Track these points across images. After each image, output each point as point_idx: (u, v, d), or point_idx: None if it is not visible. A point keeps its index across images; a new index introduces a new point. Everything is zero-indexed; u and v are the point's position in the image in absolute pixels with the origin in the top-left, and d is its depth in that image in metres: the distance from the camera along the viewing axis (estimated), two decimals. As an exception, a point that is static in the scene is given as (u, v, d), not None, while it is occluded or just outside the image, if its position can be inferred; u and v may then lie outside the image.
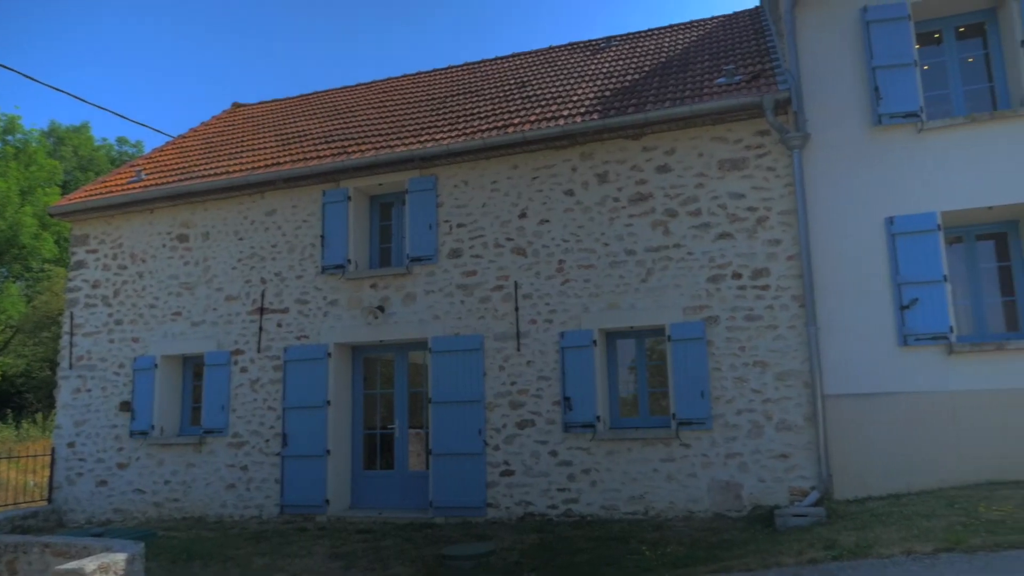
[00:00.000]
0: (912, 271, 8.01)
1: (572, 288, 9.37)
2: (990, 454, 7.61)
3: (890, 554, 5.61)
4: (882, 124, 8.36)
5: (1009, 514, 6.16)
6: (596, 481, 8.92)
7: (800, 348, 8.37)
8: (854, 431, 8.06)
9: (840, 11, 8.79)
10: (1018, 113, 8.05)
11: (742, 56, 10.29)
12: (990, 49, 8.75)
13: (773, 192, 8.75)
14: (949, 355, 7.87)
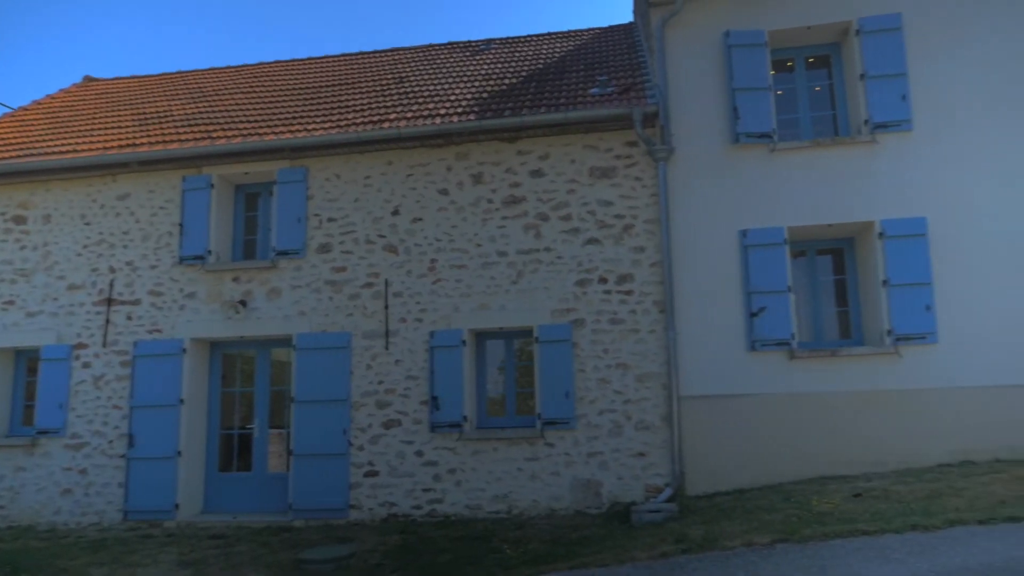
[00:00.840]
0: (761, 281, 8.58)
1: (443, 288, 9.34)
2: (823, 451, 8.26)
3: (733, 546, 5.97)
4: (739, 142, 8.91)
5: (837, 506, 6.72)
6: (461, 481, 8.93)
7: (660, 351, 8.76)
8: (706, 430, 8.53)
9: (705, 34, 9.29)
10: (856, 140, 8.81)
11: (615, 68, 10.65)
12: (834, 80, 9.52)
13: (639, 201, 9.11)
14: (791, 360, 8.49)
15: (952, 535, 5.46)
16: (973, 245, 8.41)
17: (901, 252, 8.41)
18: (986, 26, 8.82)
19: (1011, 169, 8.50)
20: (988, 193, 8.49)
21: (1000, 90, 8.67)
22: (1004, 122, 8.60)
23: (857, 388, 8.40)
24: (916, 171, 8.62)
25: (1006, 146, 8.56)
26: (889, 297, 8.39)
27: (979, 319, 8.27)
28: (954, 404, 8.20)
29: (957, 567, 4.70)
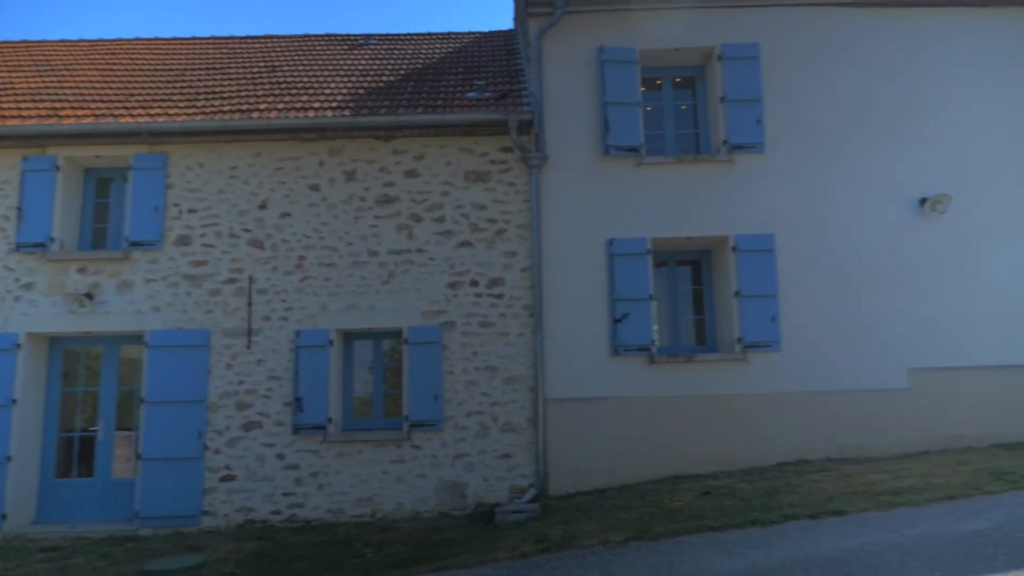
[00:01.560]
0: (625, 289, 8.93)
1: (311, 286, 9.09)
2: (678, 451, 8.70)
3: (590, 545, 6.17)
4: (609, 154, 9.23)
5: (687, 504, 7.09)
6: (324, 484, 8.72)
7: (528, 354, 8.93)
8: (570, 432, 8.77)
9: (580, 47, 9.56)
10: (715, 158, 9.35)
11: (493, 74, 10.77)
12: (698, 100, 10.06)
13: (512, 206, 9.25)
14: (651, 365, 8.89)
15: (786, 529, 5.89)
16: (811, 261, 9.13)
17: (752, 266, 9.01)
18: (833, 61, 9.60)
19: (845, 192, 9.30)
20: (826, 214, 9.25)
21: (841, 119, 9.47)
22: (844, 148, 9.39)
23: (710, 392, 8.91)
24: (767, 191, 9.26)
25: (843, 170, 9.35)
26: (740, 307, 8.96)
27: (815, 329, 8.99)
28: (793, 407, 8.86)
29: (788, 559, 5.08)
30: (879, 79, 9.57)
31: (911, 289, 9.13)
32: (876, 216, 9.26)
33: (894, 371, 8.97)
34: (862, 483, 7.11)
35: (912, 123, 9.49)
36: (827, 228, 9.23)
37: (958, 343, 9.07)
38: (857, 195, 9.32)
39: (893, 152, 9.40)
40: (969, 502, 6.11)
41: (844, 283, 9.11)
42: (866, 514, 6.08)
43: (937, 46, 9.70)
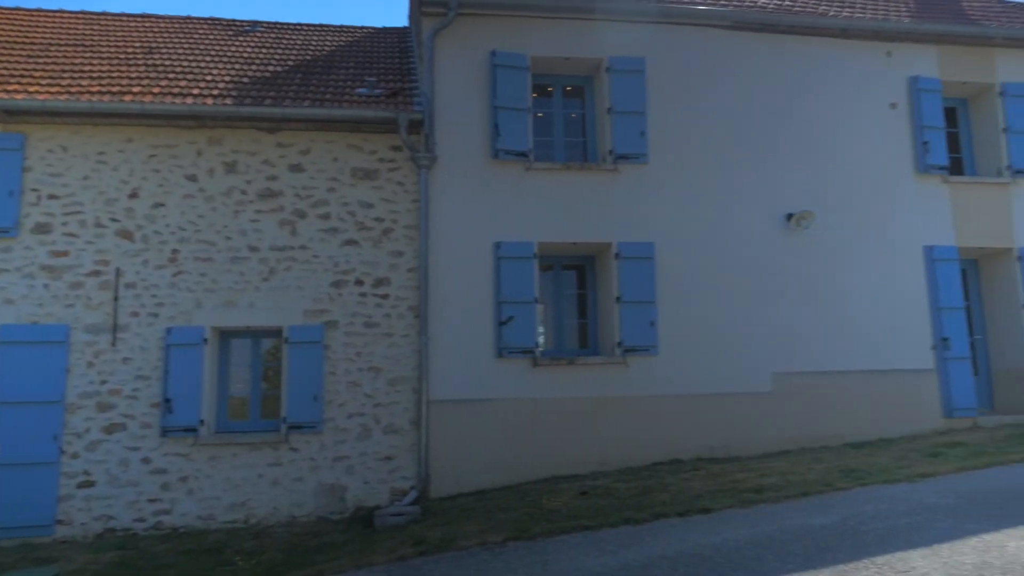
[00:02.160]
0: (511, 292, 9.02)
1: (185, 281, 8.66)
2: (559, 452, 8.87)
3: (469, 546, 6.19)
4: (499, 158, 9.31)
5: (565, 504, 7.25)
6: (194, 489, 8.32)
7: (412, 356, 8.86)
8: (454, 433, 8.77)
9: (473, 50, 9.59)
10: (601, 167, 9.61)
11: (385, 71, 10.62)
12: (587, 110, 10.32)
13: (400, 206, 9.16)
14: (534, 367, 9.02)
15: (657, 527, 6.13)
16: (688, 269, 9.55)
17: (633, 272, 9.32)
18: (713, 79, 10.08)
19: (721, 205, 9.78)
20: (702, 225, 9.70)
21: (719, 135, 9.96)
22: (720, 162, 9.88)
23: (591, 394, 9.14)
24: (649, 201, 9.61)
25: (719, 184, 9.83)
26: (621, 312, 9.25)
27: (690, 335, 9.41)
28: (669, 409, 9.23)
29: (657, 555, 5.28)
30: (753, 99, 10.13)
31: (777, 299, 9.71)
32: (748, 229, 9.80)
33: (760, 375, 9.51)
34: (728, 481, 7.50)
35: (782, 142, 10.10)
36: (703, 238, 9.68)
37: (818, 350, 9.73)
38: (731, 208, 9.82)
39: (764, 169, 9.98)
40: (821, 498, 6.56)
41: (717, 291, 9.58)
42: (730, 511, 6.42)
43: (805, 71, 10.37)
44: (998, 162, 10.78)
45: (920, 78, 10.58)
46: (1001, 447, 8.10)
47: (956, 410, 9.84)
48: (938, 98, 10.64)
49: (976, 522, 5.19)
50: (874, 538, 5.09)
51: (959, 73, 10.85)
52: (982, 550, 4.57)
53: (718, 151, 9.92)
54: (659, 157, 9.73)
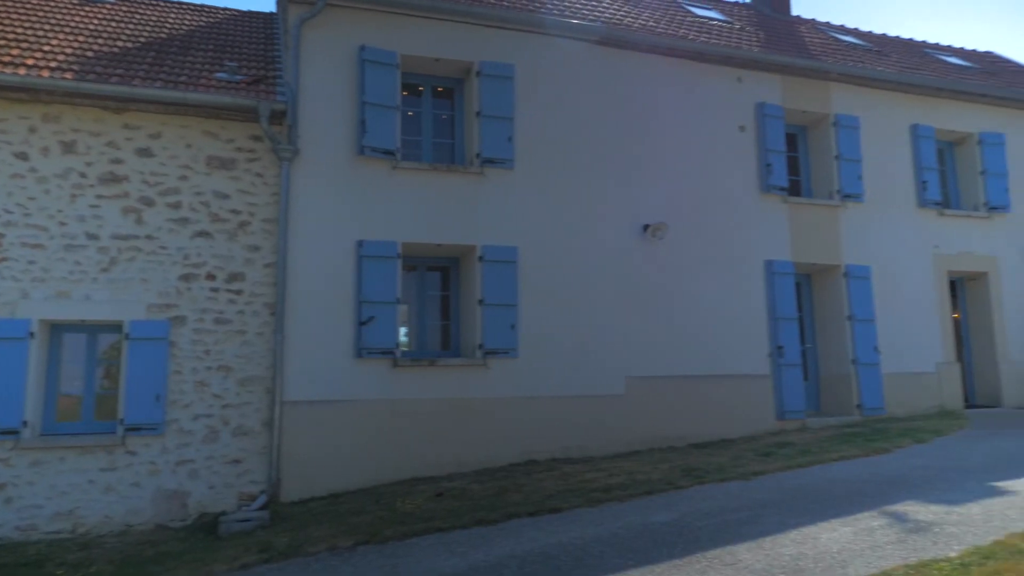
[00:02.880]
0: (373, 291, 8.87)
1: (10, 269, 7.90)
2: (418, 454, 8.82)
3: (316, 551, 6.03)
4: (365, 155, 9.14)
5: (419, 506, 7.22)
6: (13, 497, 7.59)
7: (266, 355, 8.53)
8: (309, 436, 8.50)
9: (342, 43, 9.36)
10: (468, 170, 9.66)
11: (248, 57, 10.17)
12: (456, 112, 10.34)
13: (259, 199, 8.80)
14: (394, 368, 8.92)
15: (508, 527, 6.23)
16: (549, 274, 9.78)
17: (496, 275, 9.42)
18: (579, 90, 10.39)
19: (582, 213, 10.10)
20: (564, 231, 9.96)
21: (583, 145, 10.27)
22: (583, 171, 10.19)
23: (451, 396, 9.15)
24: (514, 205, 9.76)
25: (581, 193, 10.14)
26: (483, 315, 9.33)
27: (550, 338, 9.63)
28: (527, 411, 9.40)
29: (506, 555, 5.36)
30: (617, 112, 10.53)
31: (633, 306, 10.13)
32: (607, 237, 10.17)
33: (614, 379, 9.89)
34: (579, 481, 7.74)
35: (642, 155, 10.56)
36: (565, 244, 9.94)
37: (668, 355, 10.23)
38: (592, 216, 10.15)
39: (625, 180, 10.39)
40: (664, 496, 6.91)
41: (577, 297, 9.87)
42: (579, 510, 6.62)
43: (665, 89, 10.90)
44: (830, 186, 11.80)
45: (766, 104, 11.39)
46: (824, 446, 8.85)
47: (787, 412, 10.65)
48: (781, 124, 11.50)
49: (797, 517, 5.64)
50: (707, 533, 5.42)
51: (800, 102, 11.78)
52: (799, 542, 4.96)
53: (582, 161, 10.23)
54: (525, 163, 9.90)
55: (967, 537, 4.71)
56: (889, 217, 12.05)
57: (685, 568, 4.67)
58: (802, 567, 4.46)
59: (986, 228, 12.83)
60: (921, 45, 16.28)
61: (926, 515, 5.36)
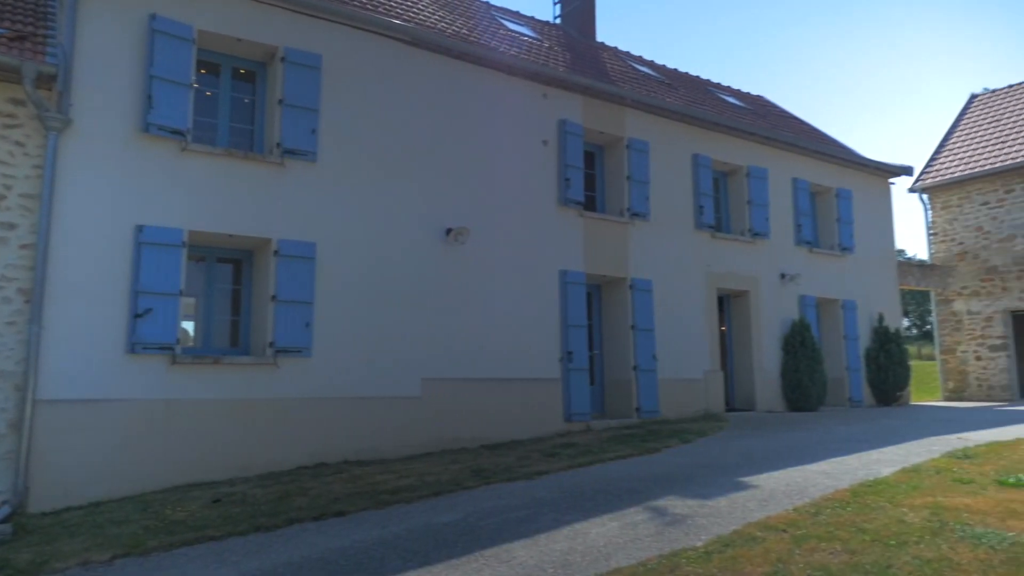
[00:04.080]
0: (151, 282, 8.18)
1: None
2: (198, 457, 8.23)
3: (65, 567, 5.42)
4: (150, 132, 8.41)
5: (192, 514, 6.73)
6: None
7: (18, 347, 7.56)
8: (68, 438, 7.65)
9: (129, 8, 8.56)
10: (267, 159, 9.22)
11: (14, 11, 8.96)
12: (258, 97, 9.83)
13: (18, 171, 7.79)
14: (172, 365, 8.28)
15: (289, 533, 5.99)
16: (350, 273, 9.60)
17: (292, 272, 9.07)
18: (390, 88, 10.30)
19: (387, 213, 10.02)
20: (368, 230, 9.83)
21: (391, 144, 10.20)
22: (390, 171, 10.11)
23: (237, 396, 8.66)
24: (315, 200, 9.46)
25: (387, 192, 10.06)
26: (276, 312, 8.93)
27: (347, 338, 9.45)
28: (320, 412, 9.13)
29: (282, 563, 5.15)
30: (427, 115, 10.58)
31: (432, 307, 10.21)
32: (409, 239, 10.16)
33: (410, 380, 9.89)
34: (368, 483, 7.64)
35: (449, 160, 10.70)
36: (367, 243, 9.80)
37: (464, 358, 10.42)
38: (396, 216, 10.10)
39: (429, 183, 10.46)
40: (450, 497, 7.00)
41: (377, 297, 9.76)
42: (365, 513, 6.52)
43: (475, 98, 11.13)
44: (621, 204, 12.67)
45: (568, 122, 12.00)
46: (604, 447, 9.44)
47: (574, 415, 11.26)
48: (580, 142, 12.17)
49: (572, 514, 5.95)
50: (488, 532, 5.56)
51: (598, 123, 12.54)
52: (571, 537, 5.25)
53: (389, 160, 10.15)
54: (329, 157, 9.64)
55: (713, 528, 5.24)
56: (670, 236, 13.16)
57: (462, 567, 4.76)
58: (571, 561, 4.72)
59: (750, 251, 14.42)
60: (705, 83, 17.99)
61: (683, 509, 5.89)
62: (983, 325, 18.83)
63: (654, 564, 4.51)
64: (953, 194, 19.59)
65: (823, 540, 4.77)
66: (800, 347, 14.33)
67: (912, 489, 6.11)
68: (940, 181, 19.63)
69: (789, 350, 14.41)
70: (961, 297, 19.31)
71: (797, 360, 14.26)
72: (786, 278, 14.77)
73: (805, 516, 5.40)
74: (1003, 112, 20.75)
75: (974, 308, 19.01)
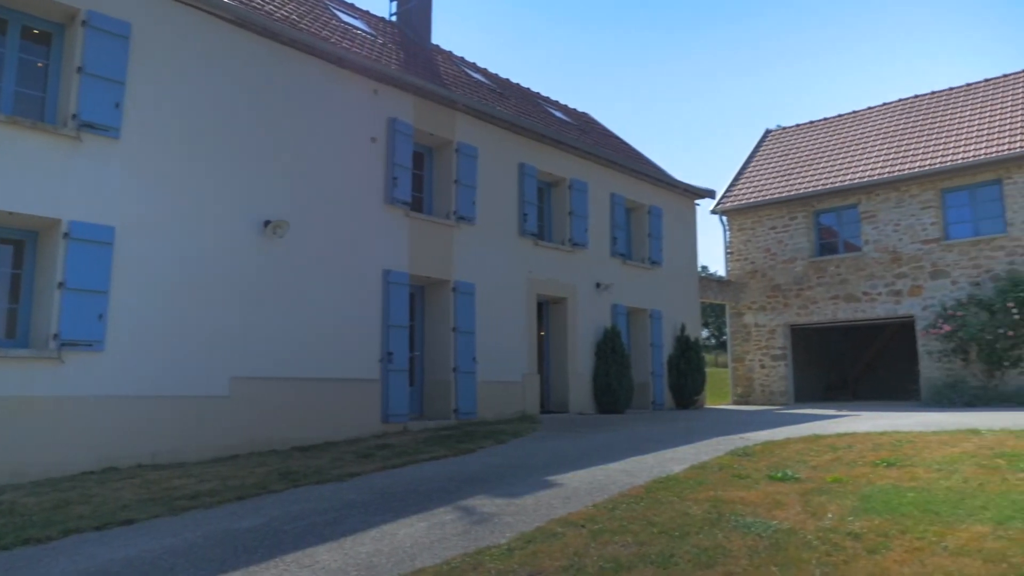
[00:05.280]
0: (-94, 260, 7.12)
1: None
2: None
3: None
4: (-89, 90, 7.33)
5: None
6: None
7: None
8: None
9: None
10: (60, 131, 8.32)
11: None
12: (52, 61, 8.86)
13: None
14: (-71, 358, 7.25)
15: (65, 545, 5.43)
16: (155, 262, 8.90)
17: (84, 257, 8.26)
18: (210, 70, 9.67)
19: (201, 200, 9.41)
20: (177, 218, 9.18)
21: (208, 128, 9.58)
22: (206, 157, 9.51)
23: (10, 393, 7.73)
24: (115, 179, 8.68)
25: (202, 179, 9.45)
26: (63, 300, 8.09)
27: (149, 332, 8.75)
28: (110, 412, 8.38)
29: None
30: (250, 102, 10.06)
31: (246, 302, 9.71)
32: (225, 229, 9.61)
33: (218, 378, 9.35)
34: (163, 489, 7.11)
35: (272, 149, 10.24)
36: (177, 231, 9.15)
37: (280, 355, 10.01)
38: (210, 204, 9.51)
39: (249, 172, 9.96)
40: (255, 501, 6.68)
41: (184, 288, 9.13)
42: (158, 520, 6.06)
43: (303, 87, 10.75)
44: (448, 207, 12.78)
45: (398, 120, 11.92)
46: (419, 448, 9.44)
47: (392, 416, 11.18)
48: (410, 142, 12.14)
49: (381, 515, 5.90)
50: (292, 536, 5.37)
51: (429, 125, 12.57)
52: (378, 539, 5.20)
53: (205, 145, 9.55)
54: (135, 135, 8.89)
55: (518, 525, 5.41)
56: (495, 241, 13.46)
57: (260, 574, 4.56)
58: (375, 563, 4.67)
59: (569, 260, 15.09)
60: (535, 95, 18.62)
61: (491, 508, 6.02)
62: (767, 337, 20.99)
63: (458, 563, 4.58)
64: (748, 218, 21.68)
65: (617, 534, 5.08)
66: (611, 353, 15.19)
67: (698, 484, 6.66)
68: (737, 205, 21.65)
69: (601, 356, 15.22)
70: (751, 311, 21.39)
71: (608, 365, 15.10)
72: (601, 287, 15.61)
73: (603, 512, 5.71)
74: (791, 147, 23.30)
75: (761, 321, 21.14)
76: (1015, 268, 16.84)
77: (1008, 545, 4.55)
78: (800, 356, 21.31)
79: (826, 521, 5.26)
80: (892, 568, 4.28)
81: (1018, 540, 4.63)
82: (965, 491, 6.00)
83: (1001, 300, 16.41)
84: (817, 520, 5.30)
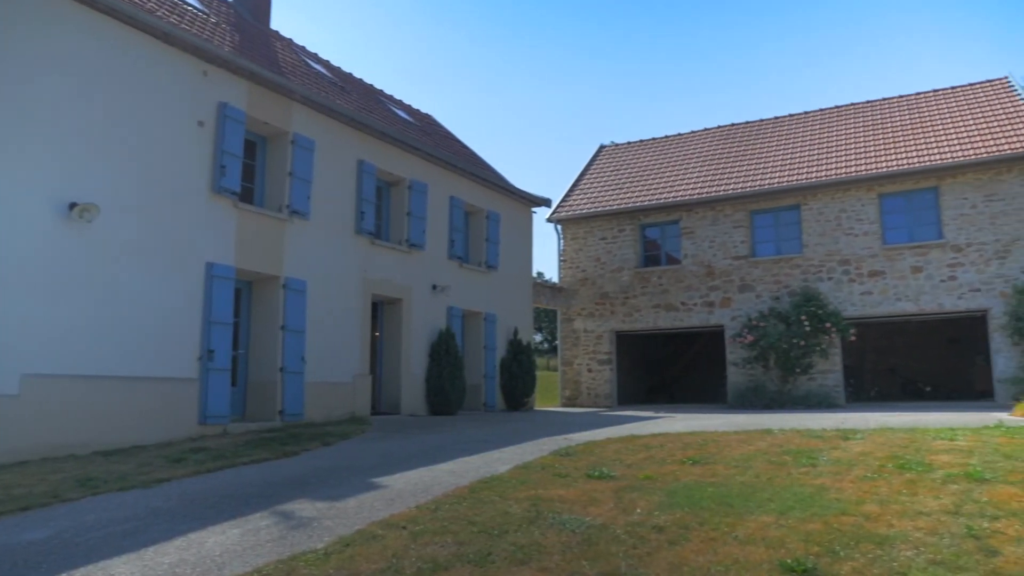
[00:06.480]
0: None
1: None
2: None
3: None
4: None
5: None
6: None
7: None
8: None
9: None
10: None
11: None
12: None
13: None
14: None
15: None
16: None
17: None
18: (10, 36, 8.66)
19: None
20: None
21: (7, 97, 8.58)
22: (3, 130, 8.53)
23: None
24: None
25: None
26: None
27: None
28: None
29: None
30: (51, 72, 9.11)
31: (44, 292, 8.79)
32: (21, 211, 8.65)
33: (6, 376, 8.38)
34: (-72, 500, 6.27)
35: (80, 125, 9.34)
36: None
37: (83, 351, 9.15)
38: (4, 184, 8.52)
39: (53, 149, 9.03)
40: (44, 511, 6.06)
41: (-34, 274, 8.12)
42: (-80, 538, 5.34)
43: (123, 62, 9.89)
44: (281, 200, 12.28)
45: (229, 106, 11.30)
46: (239, 451, 8.98)
47: (210, 417, 10.55)
48: (242, 129, 11.54)
49: (190, 522, 5.55)
50: (85, 549, 4.93)
51: (263, 113, 12.01)
52: (184, 548, 4.88)
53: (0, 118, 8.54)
54: (-90, 98, 7.79)
55: (338, 529, 5.29)
56: (329, 238, 13.11)
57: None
58: (179, 573, 4.39)
59: (406, 261, 15.00)
60: (378, 92, 18.36)
61: (311, 511, 5.85)
62: (595, 342, 22.00)
63: (270, 570, 4.40)
64: (580, 227, 22.63)
65: (437, 534, 5.10)
66: (445, 355, 15.26)
67: (520, 484, 6.85)
68: (571, 215, 22.55)
69: (435, 357, 15.25)
70: (580, 317, 22.33)
71: (441, 367, 15.16)
72: (437, 289, 15.65)
73: (425, 512, 5.72)
74: (623, 163, 24.63)
75: (589, 327, 22.12)
76: (808, 285, 18.84)
77: (787, 533, 5.07)
78: (624, 361, 22.53)
79: (635, 516, 5.58)
80: (689, 557, 4.62)
81: (795, 528, 5.17)
82: (756, 485, 6.60)
83: (796, 313, 18.28)
84: (627, 515, 5.61)
